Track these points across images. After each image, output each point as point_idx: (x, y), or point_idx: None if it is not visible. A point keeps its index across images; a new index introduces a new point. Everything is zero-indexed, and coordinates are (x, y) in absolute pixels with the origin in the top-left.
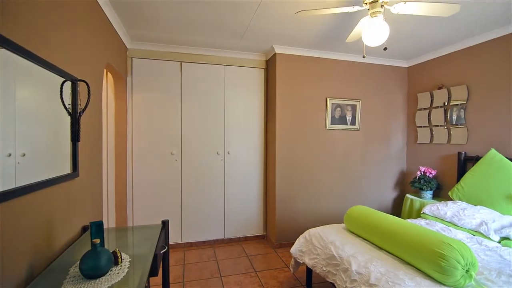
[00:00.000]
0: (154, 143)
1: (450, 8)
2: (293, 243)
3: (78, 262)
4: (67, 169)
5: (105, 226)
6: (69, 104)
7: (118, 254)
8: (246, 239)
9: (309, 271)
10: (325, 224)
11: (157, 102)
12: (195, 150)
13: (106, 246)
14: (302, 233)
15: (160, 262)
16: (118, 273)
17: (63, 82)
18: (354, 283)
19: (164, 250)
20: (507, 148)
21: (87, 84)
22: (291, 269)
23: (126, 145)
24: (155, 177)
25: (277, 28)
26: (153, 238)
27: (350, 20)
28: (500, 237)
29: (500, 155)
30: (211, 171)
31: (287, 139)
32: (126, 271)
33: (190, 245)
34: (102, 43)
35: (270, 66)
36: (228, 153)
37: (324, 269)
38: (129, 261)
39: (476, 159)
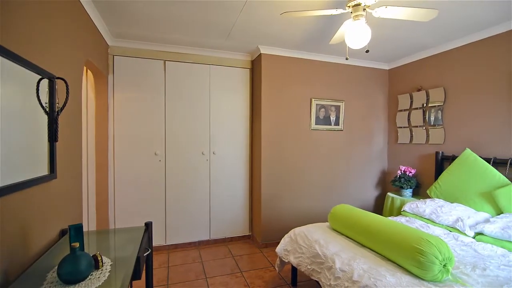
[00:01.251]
0: (137, 143)
1: (429, 13)
2: (278, 243)
3: (56, 267)
4: (44, 170)
5: (85, 229)
6: (46, 103)
7: (99, 258)
8: (231, 239)
9: (294, 270)
10: (310, 223)
11: (140, 101)
12: (179, 150)
13: (86, 250)
14: (287, 233)
15: (143, 265)
16: (98, 277)
17: (40, 79)
18: (338, 280)
19: (148, 252)
20: (480, 148)
21: (65, 82)
22: (277, 269)
23: (107, 145)
24: (138, 178)
25: (263, 28)
26: (135, 241)
27: (334, 23)
28: (475, 233)
29: (475, 154)
30: (196, 171)
31: (273, 139)
32: (107, 275)
33: (175, 247)
34: (81, 39)
35: (255, 66)
36: (213, 153)
37: (309, 267)
38: (111, 265)
39: (453, 158)
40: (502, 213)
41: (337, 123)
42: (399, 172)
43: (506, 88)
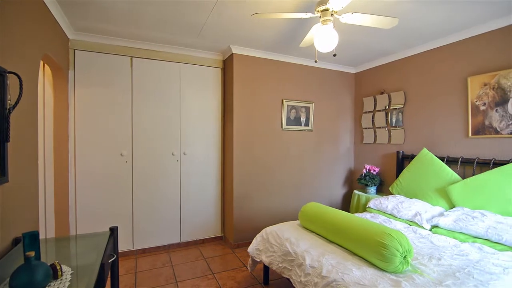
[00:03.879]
0: (101, 144)
1: (390, 21)
2: (250, 243)
3: (8, 279)
4: None
5: (42, 236)
6: None
7: (58, 267)
8: (203, 241)
9: (266, 268)
10: (282, 222)
11: (104, 99)
12: (148, 150)
13: (43, 259)
14: (259, 232)
15: (108, 272)
16: (57, 287)
17: None
18: (308, 277)
19: (113, 258)
20: (436, 148)
21: (18, 77)
22: (249, 268)
23: (67, 146)
24: (102, 180)
25: (234, 28)
26: (99, 247)
27: (304, 26)
28: (431, 226)
29: (431, 153)
30: (165, 172)
31: (245, 139)
32: (67, 284)
33: (143, 251)
34: (38, 32)
35: (227, 66)
36: (184, 153)
37: (280, 265)
38: (71, 274)
39: (412, 157)
40: (454, 207)
41: (307, 124)
42: (364, 170)
43: (459, 92)
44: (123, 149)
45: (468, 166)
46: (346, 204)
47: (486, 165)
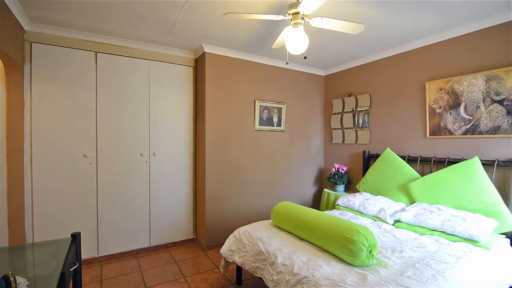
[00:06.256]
0: (61, 144)
1: (357, 27)
2: (223, 244)
3: None
4: None
5: None
6: None
7: (11, 278)
8: (174, 244)
9: (238, 269)
10: (255, 222)
11: (66, 96)
12: (114, 151)
13: None
14: (232, 233)
15: (69, 282)
16: None
17: None
18: (280, 275)
19: (75, 267)
20: (398, 147)
21: None
22: (221, 270)
23: (22, 146)
24: (63, 184)
25: (206, 27)
26: (60, 255)
27: (276, 28)
28: (394, 220)
29: (393, 153)
30: (133, 174)
31: (217, 139)
32: None
33: (109, 258)
34: None
35: (199, 64)
36: (153, 154)
37: (253, 265)
38: (27, 285)
39: (376, 156)
40: (414, 202)
41: (279, 124)
42: (333, 169)
43: (418, 96)
44: (86, 150)
45: (426, 164)
46: (317, 202)
47: (441, 163)
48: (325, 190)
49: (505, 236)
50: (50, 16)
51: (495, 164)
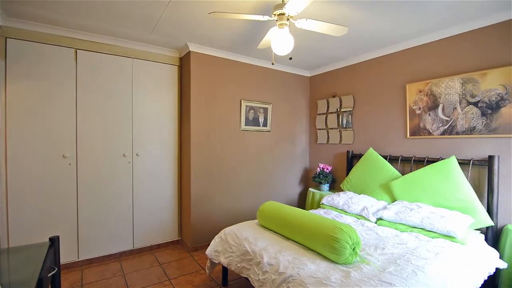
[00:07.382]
0: (39, 144)
1: (341, 30)
2: (209, 245)
3: None
4: None
5: None
6: None
7: None
8: (159, 246)
9: (224, 270)
10: (241, 222)
11: (44, 94)
12: (95, 152)
13: None
14: (218, 233)
15: (47, 287)
16: None
17: None
18: (266, 274)
19: (53, 272)
20: (380, 147)
21: None
22: (207, 271)
23: None
24: (40, 186)
25: (192, 25)
26: (37, 260)
27: (262, 28)
28: (376, 218)
29: (376, 153)
30: (116, 175)
31: (203, 139)
32: None
33: (90, 262)
34: None
35: (184, 63)
36: (137, 154)
37: (239, 265)
38: None
39: (360, 156)
40: (395, 200)
41: (265, 124)
42: (318, 169)
43: (399, 97)
44: (65, 150)
45: (407, 163)
46: (302, 202)
47: (421, 162)
48: (310, 189)
49: (479, 231)
50: (27, 11)
51: (471, 163)
